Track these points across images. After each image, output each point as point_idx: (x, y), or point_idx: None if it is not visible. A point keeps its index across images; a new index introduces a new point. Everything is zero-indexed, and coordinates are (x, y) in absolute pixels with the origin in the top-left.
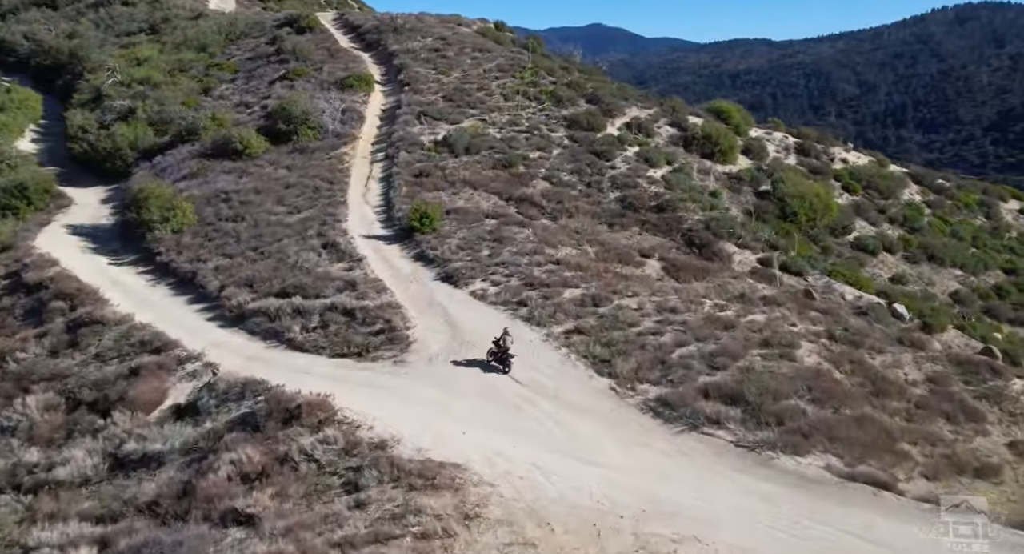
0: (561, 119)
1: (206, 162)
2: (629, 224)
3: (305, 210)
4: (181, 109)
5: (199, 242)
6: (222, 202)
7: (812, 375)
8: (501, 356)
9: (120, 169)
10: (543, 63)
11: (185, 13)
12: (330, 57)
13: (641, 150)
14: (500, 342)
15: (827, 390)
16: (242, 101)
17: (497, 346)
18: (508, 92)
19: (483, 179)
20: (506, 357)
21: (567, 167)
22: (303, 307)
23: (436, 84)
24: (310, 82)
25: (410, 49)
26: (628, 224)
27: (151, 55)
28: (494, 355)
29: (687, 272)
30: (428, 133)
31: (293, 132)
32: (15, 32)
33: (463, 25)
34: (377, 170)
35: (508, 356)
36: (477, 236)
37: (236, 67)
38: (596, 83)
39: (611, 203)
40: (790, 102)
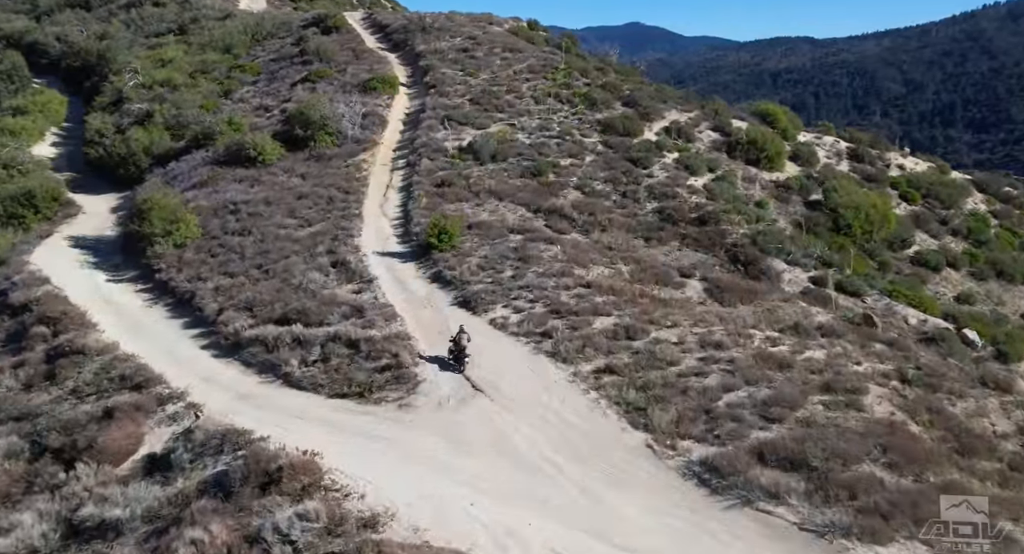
0: (595, 123)
1: (218, 170)
2: (668, 238)
3: (317, 223)
4: (199, 113)
5: (201, 258)
6: (230, 214)
7: (886, 430)
8: (457, 355)
9: (134, 175)
10: (577, 64)
11: (214, 13)
12: (355, 58)
13: (681, 157)
14: (457, 340)
15: (905, 450)
16: (262, 104)
17: (455, 344)
18: (539, 95)
19: (509, 189)
20: (462, 356)
21: (600, 175)
22: (304, 336)
23: (463, 86)
24: (332, 84)
25: (437, 49)
26: (666, 238)
27: (175, 56)
28: (451, 353)
29: (732, 294)
30: (453, 139)
31: (310, 138)
32: (48, 34)
33: (494, 24)
34: (397, 179)
35: (464, 355)
36: (500, 254)
37: (259, 69)
38: (633, 84)
39: (648, 215)
40: (833, 101)
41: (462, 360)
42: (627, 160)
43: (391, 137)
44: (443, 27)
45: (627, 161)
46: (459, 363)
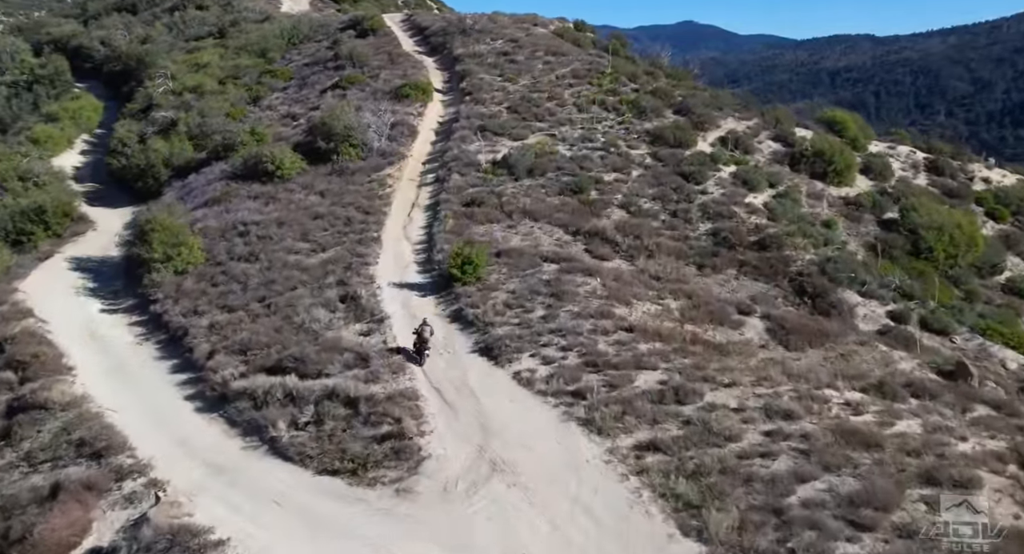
0: (643, 134)
1: (233, 185)
2: (723, 265)
3: (331, 248)
4: (223, 121)
5: (201, 288)
6: (238, 236)
7: (1016, 548)
8: (419, 348)
9: (152, 188)
10: (625, 67)
11: (254, 16)
12: (389, 62)
13: (738, 170)
14: (419, 333)
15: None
16: (289, 112)
17: (418, 337)
18: (582, 102)
19: (546, 208)
20: (423, 349)
21: (648, 192)
22: (297, 391)
23: (501, 93)
24: (364, 91)
25: (476, 53)
26: (722, 266)
27: (211, 60)
28: (414, 346)
29: (800, 336)
30: (487, 151)
31: (333, 150)
32: (93, 38)
33: (539, 25)
34: (424, 196)
35: (425, 348)
36: (531, 289)
37: (291, 73)
38: (686, 90)
39: (701, 238)
40: (894, 101)
41: (423, 353)
42: (678, 175)
43: (421, 149)
44: (484, 29)
45: (678, 176)
46: (420, 357)
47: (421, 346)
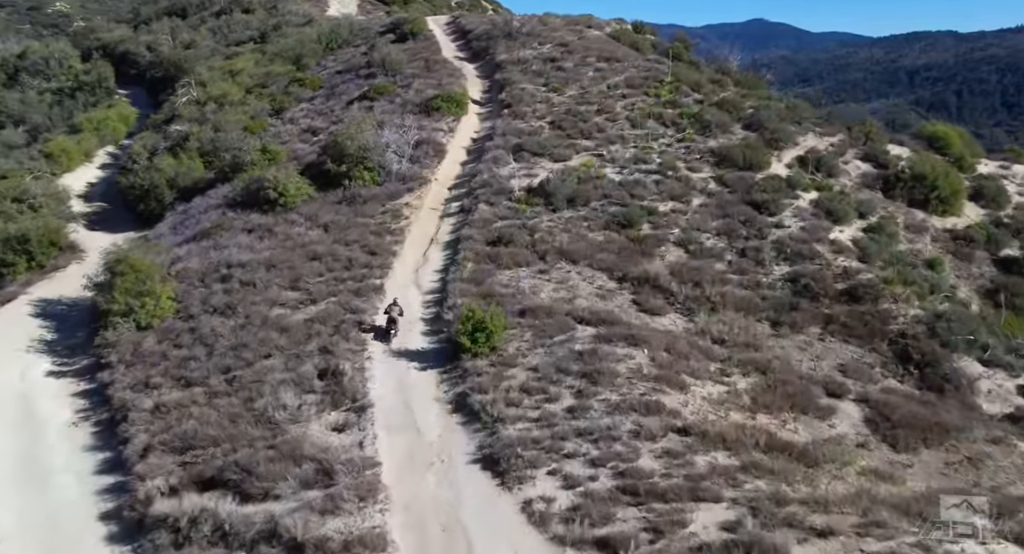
0: (707, 153)
1: (230, 215)
2: (805, 323)
3: (323, 300)
4: (238, 137)
5: (162, 350)
6: (219, 281)
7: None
8: (387, 328)
9: (155, 211)
10: (687, 75)
11: (297, 19)
12: (425, 70)
13: (821, 198)
14: (389, 312)
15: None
16: (310, 127)
17: (388, 316)
18: (636, 116)
19: (587, 247)
20: (390, 329)
21: (712, 226)
22: (231, 523)
23: (544, 105)
24: (393, 102)
25: (520, 59)
26: (804, 323)
27: (244, 67)
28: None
29: (910, 431)
30: (523, 175)
31: (345, 175)
32: (140, 43)
33: (593, 27)
34: (446, 229)
35: (393, 328)
36: (557, 365)
37: (320, 82)
38: (758, 100)
39: (777, 285)
40: (978, 100)
41: (390, 334)
42: (748, 204)
43: (448, 171)
44: (532, 32)
45: (748, 205)
46: (387, 337)
47: (390, 326)
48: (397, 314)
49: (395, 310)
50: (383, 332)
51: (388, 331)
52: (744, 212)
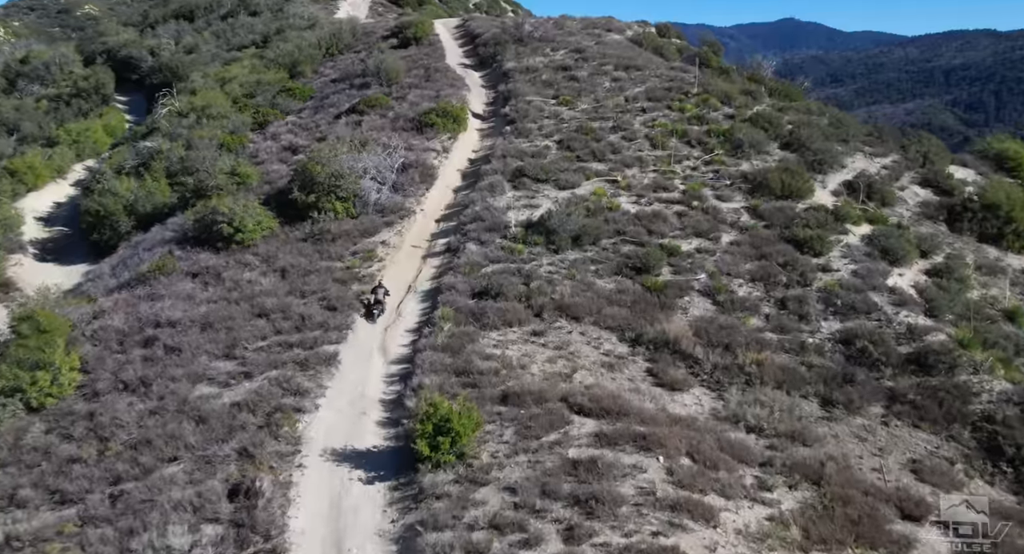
0: (739, 179)
1: (177, 253)
2: (864, 400)
3: (260, 374)
4: (211, 155)
5: (47, 444)
6: (141, 346)
7: None
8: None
9: (110, 242)
10: (717, 85)
11: (301, 23)
12: (424, 79)
13: (875, 233)
14: (375, 292)
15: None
16: (291, 144)
17: (374, 296)
18: (657, 134)
19: (594, 299)
20: (373, 309)
21: (745, 269)
22: None
23: (552, 121)
24: (385, 116)
25: (529, 67)
26: (862, 401)
27: (237, 75)
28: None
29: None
30: (522, 205)
31: (313, 206)
32: (142, 47)
33: (613, 31)
34: (428, 274)
35: (376, 309)
36: (543, 487)
37: (311, 92)
38: (797, 114)
39: (825, 348)
40: (1017, 100)
41: (373, 313)
42: (788, 241)
43: (438, 200)
44: (545, 37)
45: (788, 243)
46: (371, 316)
47: (373, 304)
48: (383, 295)
49: (380, 291)
50: (367, 311)
51: (372, 311)
52: (783, 252)
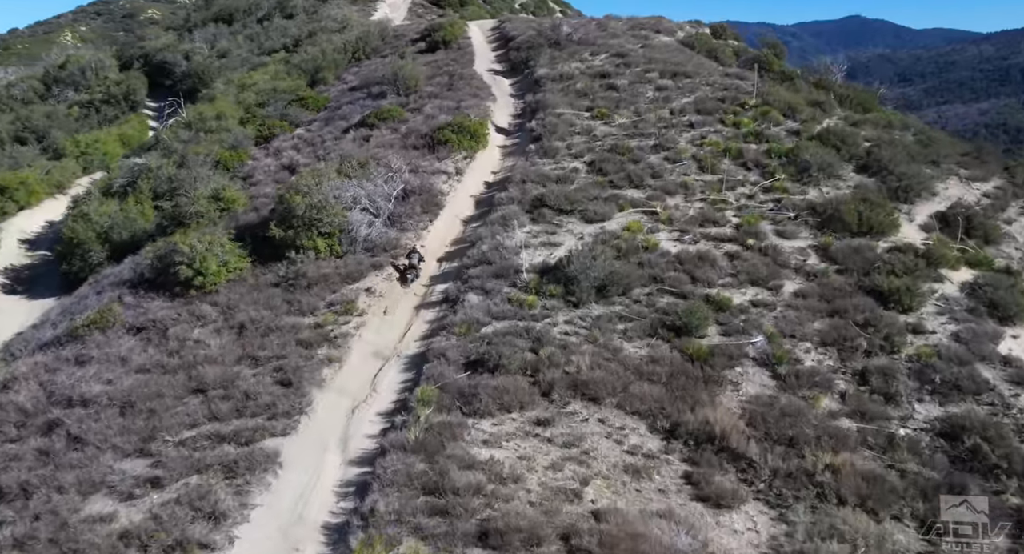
0: (805, 210)
1: (126, 300)
2: (981, 529)
3: (175, 481)
4: (203, 174)
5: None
6: (40, 434)
7: None
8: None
9: (80, 275)
10: (779, 95)
11: (334, 26)
12: (447, 87)
13: (978, 281)
14: (409, 258)
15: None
16: (291, 162)
17: (408, 261)
18: (708, 154)
19: (619, 373)
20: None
21: (814, 329)
22: None
23: (584, 138)
24: (397, 130)
25: (564, 74)
26: (977, 529)
27: (257, 81)
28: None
29: None
30: (539, 243)
31: (290, 244)
32: (177, 52)
33: (662, 32)
34: (417, 333)
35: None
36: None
37: (326, 101)
38: (876, 130)
39: (921, 443)
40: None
41: (407, 277)
42: (867, 292)
43: (443, 234)
44: (584, 40)
45: (868, 294)
46: (405, 280)
47: (407, 269)
48: (417, 261)
49: (415, 257)
50: (401, 276)
51: (405, 276)
52: (862, 306)
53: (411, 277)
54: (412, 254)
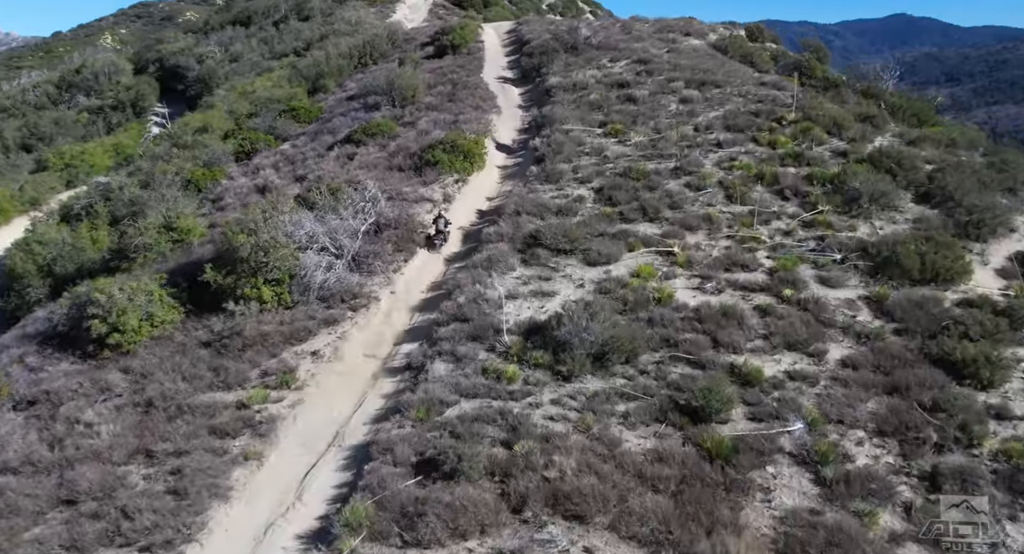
0: (855, 251)
1: (27, 361)
2: None
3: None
4: (168, 195)
5: None
6: None
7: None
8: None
9: (19, 313)
10: (822, 109)
11: (346, 28)
12: (448, 98)
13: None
14: (436, 224)
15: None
16: (266, 183)
17: (435, 227)
18: (737, 180)
19: (615, 479)
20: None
21: (866, 412)
22: None
23: (594, 159)
24: (385, 148)
25: (578, 83)
26: None
27: (258, 88)
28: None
29: None
30: (529, 292)
31: (228, 292)
32: (190, 55)
33: (692, 35)
34: (369, 413)
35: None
36: None
37: (318, 112)
38: (938, 151)
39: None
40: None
41: (434, 243)
42: (934, 361)
43: (419, 277)
44: (604, 44)
45: (934, 363)
46: (432, 245)
47: (435, 235)
48: (443, 225)
49: (441, 222)
50: (429, 241)
51: (433, 242)
52: (929, 380)
53: (439, 243)
54: (438, 219)
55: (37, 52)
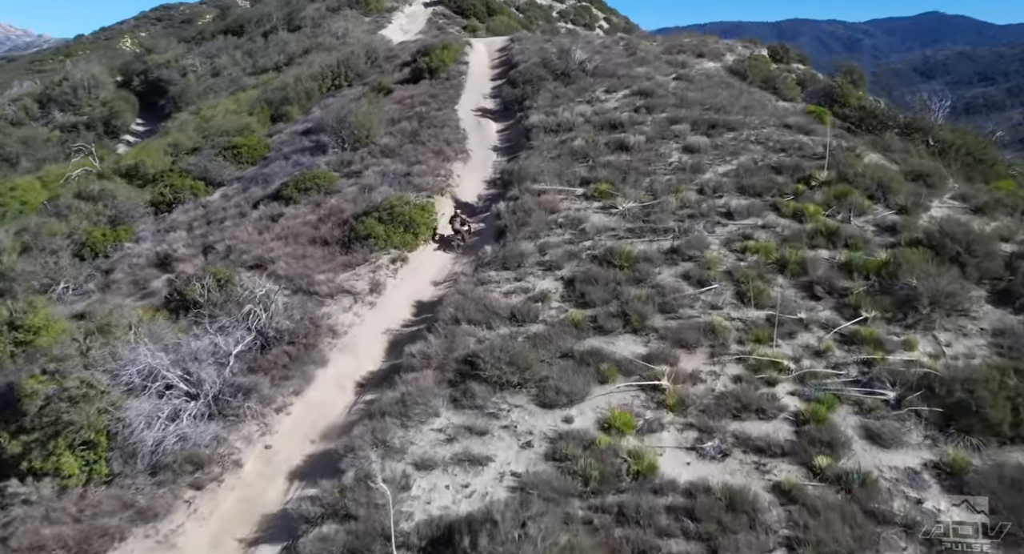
0: (912, 386)
1: None
2: None
3: None
4: (48, 266)
5: None
6: None
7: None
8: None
9: None
10: (860, 165)
11: (332, 41)
12: (411, 138)
13: None
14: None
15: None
16: (167, 252)
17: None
18: (751, 269)
19: None
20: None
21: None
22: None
23: (568, 235)
24: (318, 208)
25: (562, 123)
26: None
27: (217, 114)
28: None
29: None
30: (451, 459)
31: (17, 463)
32: (173, 68)
33: (706, 56)
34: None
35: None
36: None
37: (264, 150)
38: (1013, 219)
39: None
40: None
41: (452, 243)
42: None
43: (315, 416)
44: (601, 70)
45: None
46: (450, 245)
47: (453, 236)
48: (460, 224)
49: (457, 221)
50: (447, 241)
51: (451, 242)
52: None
53: (456, 244)
54: (454, 219)
55: (58, 56)
